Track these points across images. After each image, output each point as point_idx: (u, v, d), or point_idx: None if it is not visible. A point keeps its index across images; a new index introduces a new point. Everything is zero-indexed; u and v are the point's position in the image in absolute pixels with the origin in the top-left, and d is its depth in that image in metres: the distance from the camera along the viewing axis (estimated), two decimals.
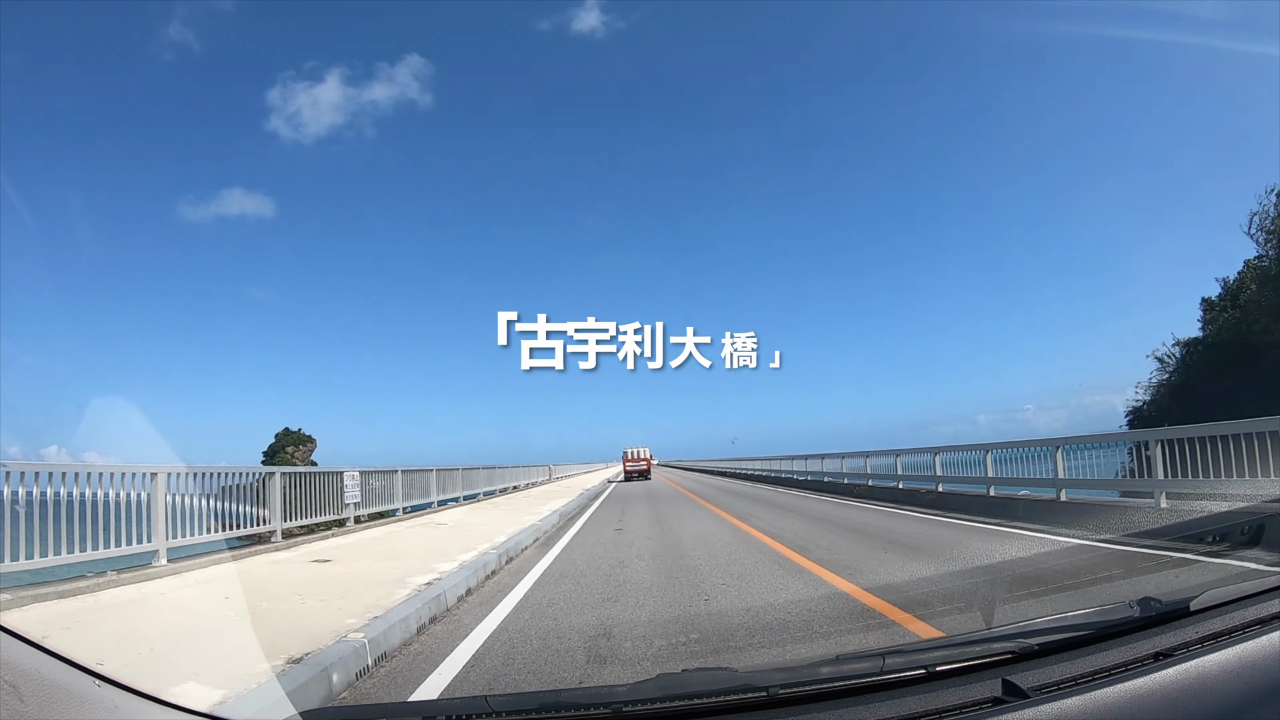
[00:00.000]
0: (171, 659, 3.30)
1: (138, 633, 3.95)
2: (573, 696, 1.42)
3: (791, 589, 4.99)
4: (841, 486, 15.54)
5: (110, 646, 3.57)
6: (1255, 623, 1.28)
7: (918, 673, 1.25)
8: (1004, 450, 9.45)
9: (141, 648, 3.51)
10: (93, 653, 3.20)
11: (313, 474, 9.68)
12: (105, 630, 4.03)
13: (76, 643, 3.80)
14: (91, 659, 0.95)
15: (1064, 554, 5.92)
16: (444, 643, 4.02)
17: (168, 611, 4.59)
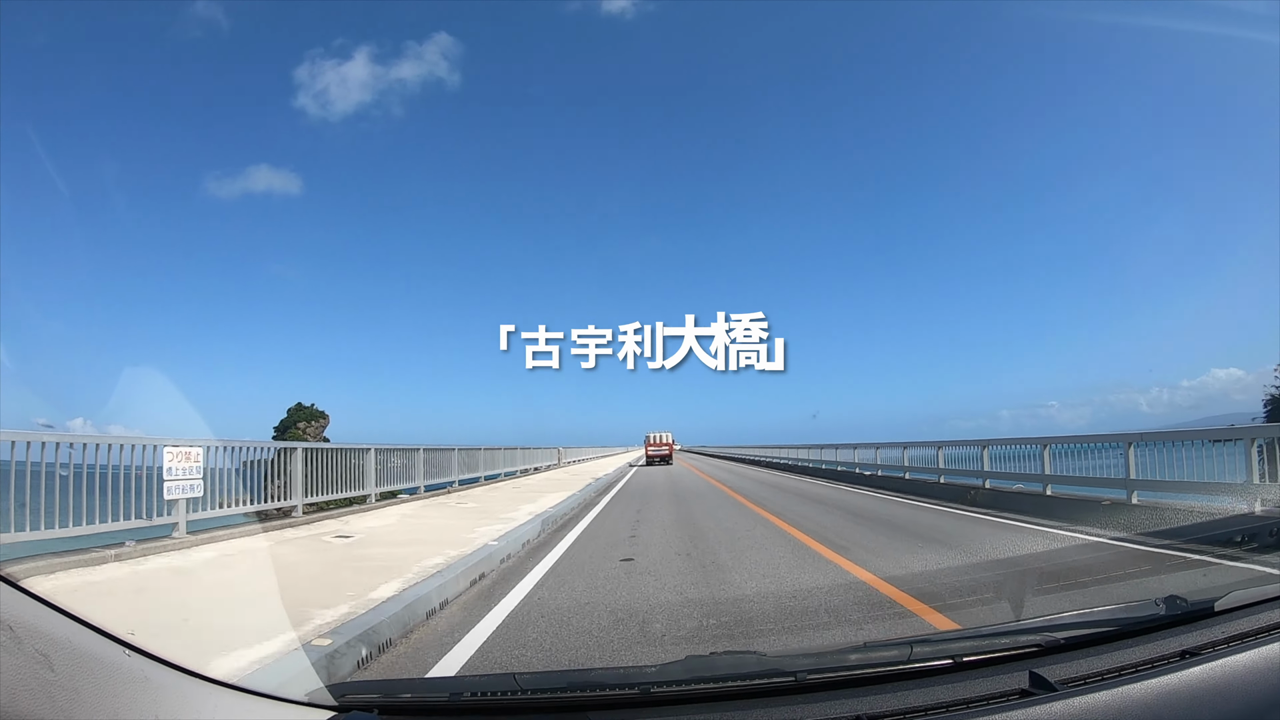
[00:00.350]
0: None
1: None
2: (601, 676, 1.40)
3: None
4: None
5: (139, 616, 3.55)
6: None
7: (945, 662, 1.24)
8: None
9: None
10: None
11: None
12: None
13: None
14: (122, 629, 0.94)
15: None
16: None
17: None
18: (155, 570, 4.92)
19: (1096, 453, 8.47)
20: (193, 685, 1.03)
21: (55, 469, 5.30)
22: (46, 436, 5.32)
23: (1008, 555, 5.68)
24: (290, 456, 8.32)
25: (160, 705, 0.94)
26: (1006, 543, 6.34)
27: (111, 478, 5.80)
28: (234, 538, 6.46)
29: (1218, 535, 5.52)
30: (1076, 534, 6.69)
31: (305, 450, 8.61)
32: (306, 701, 1.23)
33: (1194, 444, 6.87)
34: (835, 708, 1.14)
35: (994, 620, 3.43)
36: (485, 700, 1.25)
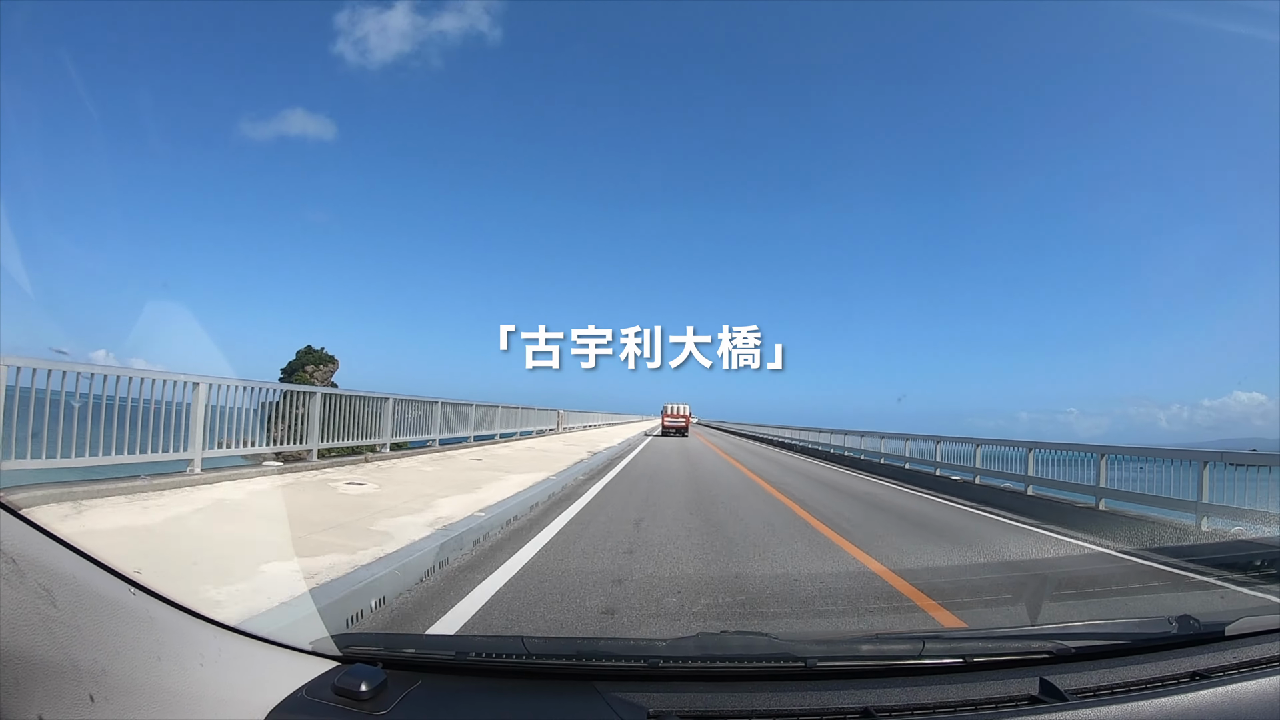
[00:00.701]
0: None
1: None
2: (610, 647, 1.39)
3: None
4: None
5: (146, 554, 3.48)
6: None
7: (956, 661, 1.24)
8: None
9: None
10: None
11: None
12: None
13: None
14: (128, 567, 0.92)
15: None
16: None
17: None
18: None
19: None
20: (197, 627, 1.02)
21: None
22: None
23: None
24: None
25: (163, 645, 0.91)
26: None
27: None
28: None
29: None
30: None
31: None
32: (311, 650, 1.21)
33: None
34: (844, 697, 1.13)
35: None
36: (491, 661, 1.23)
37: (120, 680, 0.81)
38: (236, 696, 0.99)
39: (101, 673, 0.79)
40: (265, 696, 1.02)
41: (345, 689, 1.04)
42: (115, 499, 4.78)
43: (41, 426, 4.91)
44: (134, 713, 0.82)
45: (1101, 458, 8.28)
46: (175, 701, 0.89)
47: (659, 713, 1.05)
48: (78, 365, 5.30)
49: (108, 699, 0.78)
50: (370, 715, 1.02)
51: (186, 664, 0.94)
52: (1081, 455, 8.87)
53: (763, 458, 19.95)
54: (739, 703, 1.12)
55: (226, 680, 1.00)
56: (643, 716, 1.04)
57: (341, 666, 1.15)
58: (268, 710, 1.00)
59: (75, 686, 0.75)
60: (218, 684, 0.98)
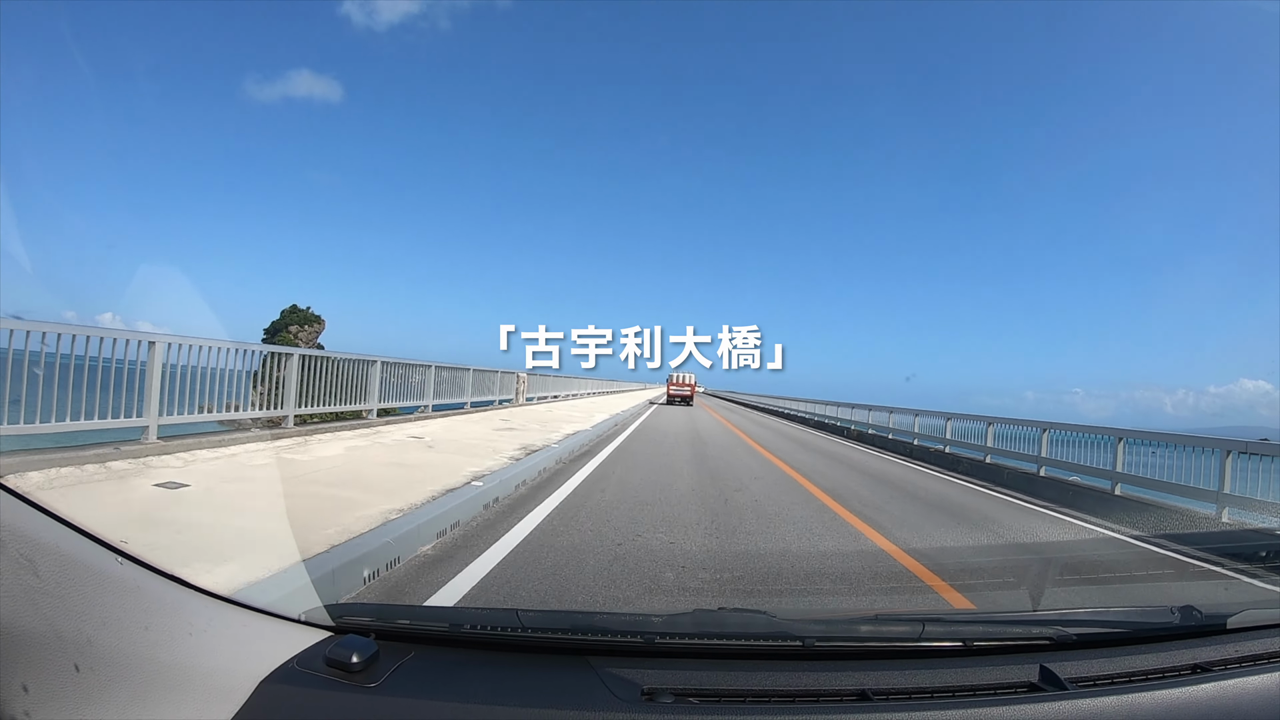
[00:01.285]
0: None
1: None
2: (605, 622, 1.38)
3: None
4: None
5: (130, 523, 3.40)
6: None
7: (955, 645, 1.22)
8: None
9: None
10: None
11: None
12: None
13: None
14: (115, 537, 0.90)
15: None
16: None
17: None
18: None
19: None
20: (186, 597, 1.00)
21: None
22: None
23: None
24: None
25: (151, 615, 0.89)
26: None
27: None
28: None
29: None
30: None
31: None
32: (303, 620, 1.18)
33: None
34: (841, 679, 1.10)
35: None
36: (485, 634, 1.20)
37: (106, 650, 0.80)
38: (226, 666, 0.97)
39: (87, 643, 0.78)
40: (255, 667, 1.00)
41: (336, 660, 1.02)
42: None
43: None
44: (120, 682, 0.81)
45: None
46: (163, 671, 0.87)
47: (653, 689, 1.03)
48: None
49: (93, 669, 0.78)
50: (361, 687, 1.00)
51: (175, 634, 0.93)
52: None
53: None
54: (735, 681, 1.09)
55: (216, 650, 0.98)
56: (636, 693, 1.02)
57: (334, 637, 1.13)
58: (258, 681, 0.98)
59: (60, 656, 0.75)
60: (207, 654, 0.96)
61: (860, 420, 18.76)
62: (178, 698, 0.87)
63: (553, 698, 1.02)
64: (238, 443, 6.33)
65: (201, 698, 0.90)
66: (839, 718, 1.00)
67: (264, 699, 0.96)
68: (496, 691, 1.03)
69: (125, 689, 0.81)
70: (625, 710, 0.98)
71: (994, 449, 10.91)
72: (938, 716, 1.00)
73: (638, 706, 1.00)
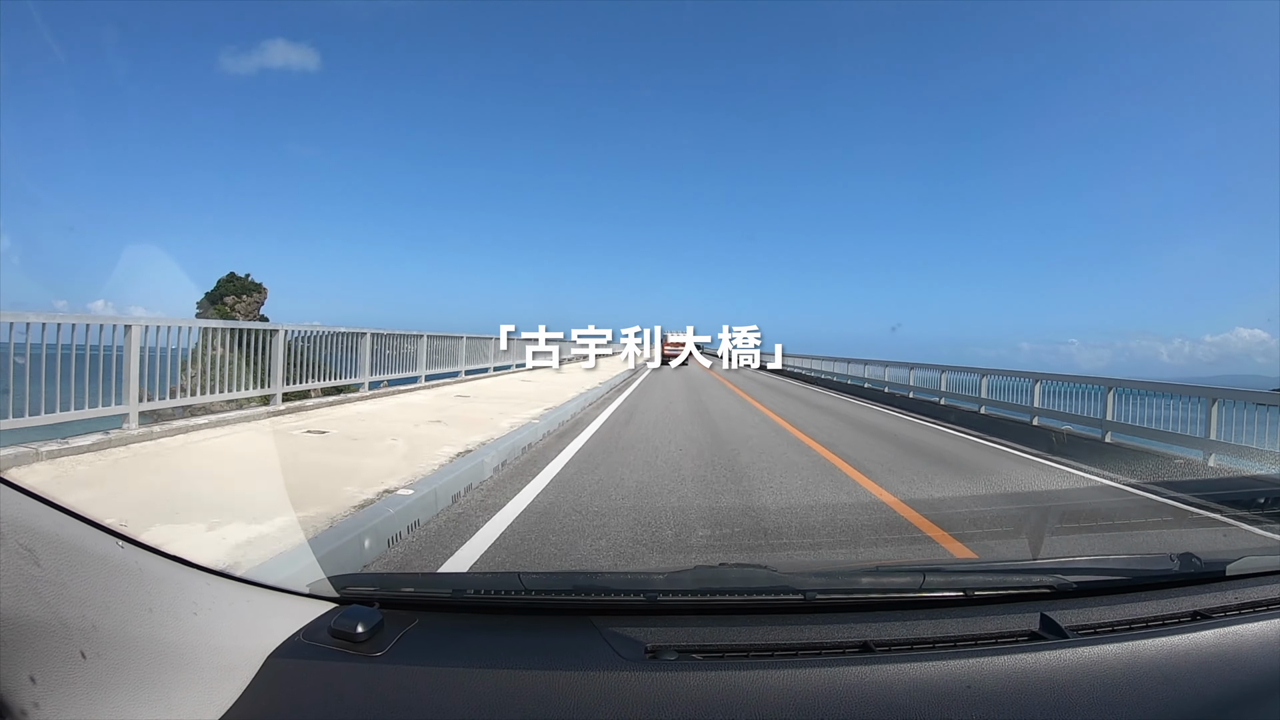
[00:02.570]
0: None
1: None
2: (607, 581, 1.38)
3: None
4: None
5: (129, 507, 3.43)
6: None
7: (956, 594, 1.24)
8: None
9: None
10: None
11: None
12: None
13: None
14: (114, 520, 0.91)
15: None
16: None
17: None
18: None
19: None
20: (189, 576, 0.99)
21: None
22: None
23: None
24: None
25: (154, 597, 0.89)
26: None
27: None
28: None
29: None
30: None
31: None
32: (308, 593, 1.19)
33: None
34: (843, 631, 1.11)
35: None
36: (488, 598, 1.23)
37: (111, 635, 0.80)
38: (232, 643, 0.98)
39: (91, 629, 0.78)
40: (262, 642, 1.00)
41: (341, 631, 1.03)
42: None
43: None
44: (127, 666, 0.81)
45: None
46: (169, 651, 0.87)
47: (656, 647, 1.04)
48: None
49: (99, 654, 0.78)
50: (367, 656, 1.00)
51: (180, 614, 0.92)
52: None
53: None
54: (737, 636, 1.10)
55: (222, 628, 0.98)
56: (640, 651, 1.03)
57: (340, 608, 1.13)
58: (265, 655, 0.98)
59: (65, 644, 0.75)
60: (212, 631, 0.96)
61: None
62: (186, 677, 0.87)
63: (557, 658, 1.03)
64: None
65: (210, 675, 0.90)
66: (842, 669, 1.00)
67: (272, 673, 0.96)
68: (500, 654, 1.04)
69: (133, 672, 0.81)
70: (630, 668, 0.99)
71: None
72: (939, 666, 1.01)
73: (642, 664, 1.00)
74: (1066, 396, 8.98)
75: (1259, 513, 4.97)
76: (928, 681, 0.98)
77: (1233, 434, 6.27)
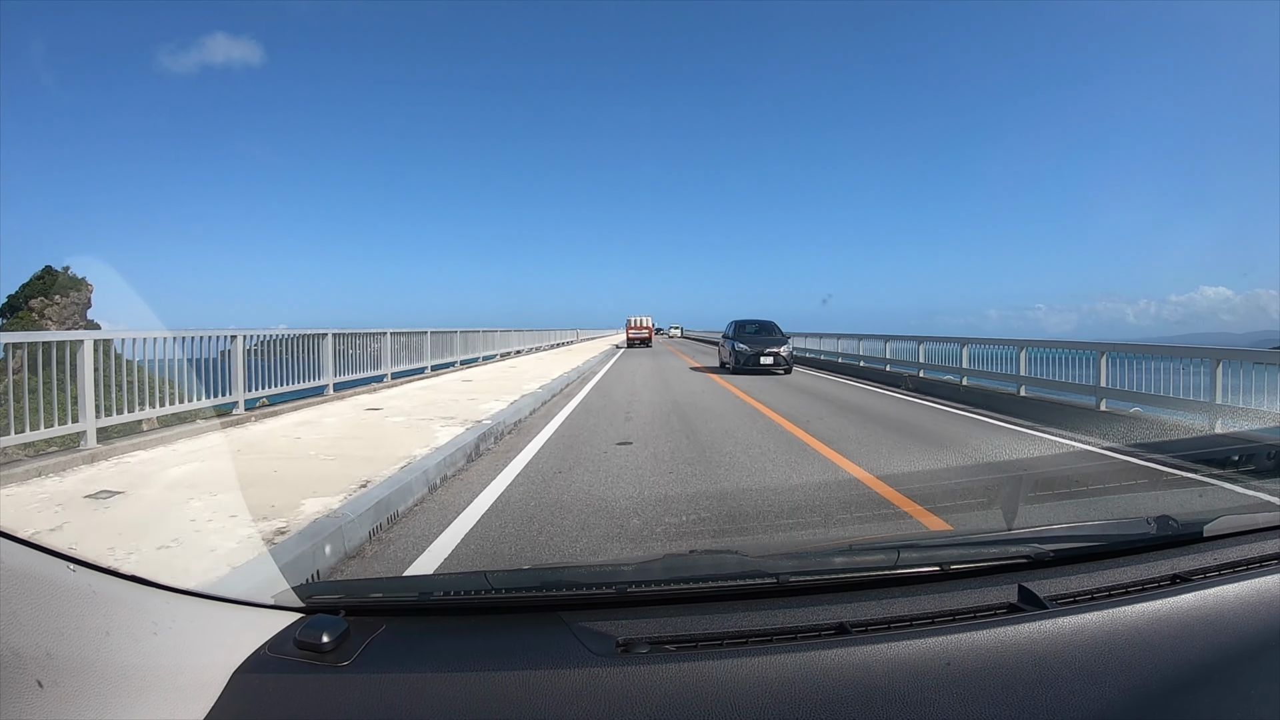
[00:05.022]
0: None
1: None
2: (575, 575, 1.37)
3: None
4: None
5: (79, 533, 3.31)
6: (1273, 557, 1.26)
7: (932, 570, 1.22)
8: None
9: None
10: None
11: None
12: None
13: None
14: (62, 545, 0.91)
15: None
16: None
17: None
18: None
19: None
20: (146, 595, 0.96)
21: None
22: None
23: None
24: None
25: (111, 619, 0.87)
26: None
27: None
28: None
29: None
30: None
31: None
32: (271, 604, 1.13)
33: None
34: (817, 613, 1.09)
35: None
36: (455, 599, 1.21)
37: (68, 661, 0.77)
38: (195, 661, 0.94)
39: (46, 656, 0.75)
40: (227, 658, 0.97)
41: (306, 641, 0.99)
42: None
43: None
44: (87, 692, 0.78)
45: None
46: (131, 674, 0.84)
47: (628, 640, 1.02)
48: None
49: (56, 682, 0.75)
50: (334, 666, 0.98)
51: (138, 635, 0.89)
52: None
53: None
54: (711, 624, 1.08)
55: (184, 646, 0.94)
56: (611, 645, 1.01)
57: (305, 619, 1.09)
58: (230, 671, 0.95)
59: (20, 675, 0.72)
60: (174, 650, 0.92)
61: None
62: (150, 699, 0.84)
63: (526, 657, 1.00)
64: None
65: (174, 696, 0.88)
66: (818, 653, 0.97)
67: (238, 689, 0.93)
68: (469, 656, 1.02)
69: (94, 698, 0.78)
70: (600, 664, 0.96)
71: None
72: (918, 644, 0.99)
73: (613, 659, 0.98)
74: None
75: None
76: (906, 660, 0.96)
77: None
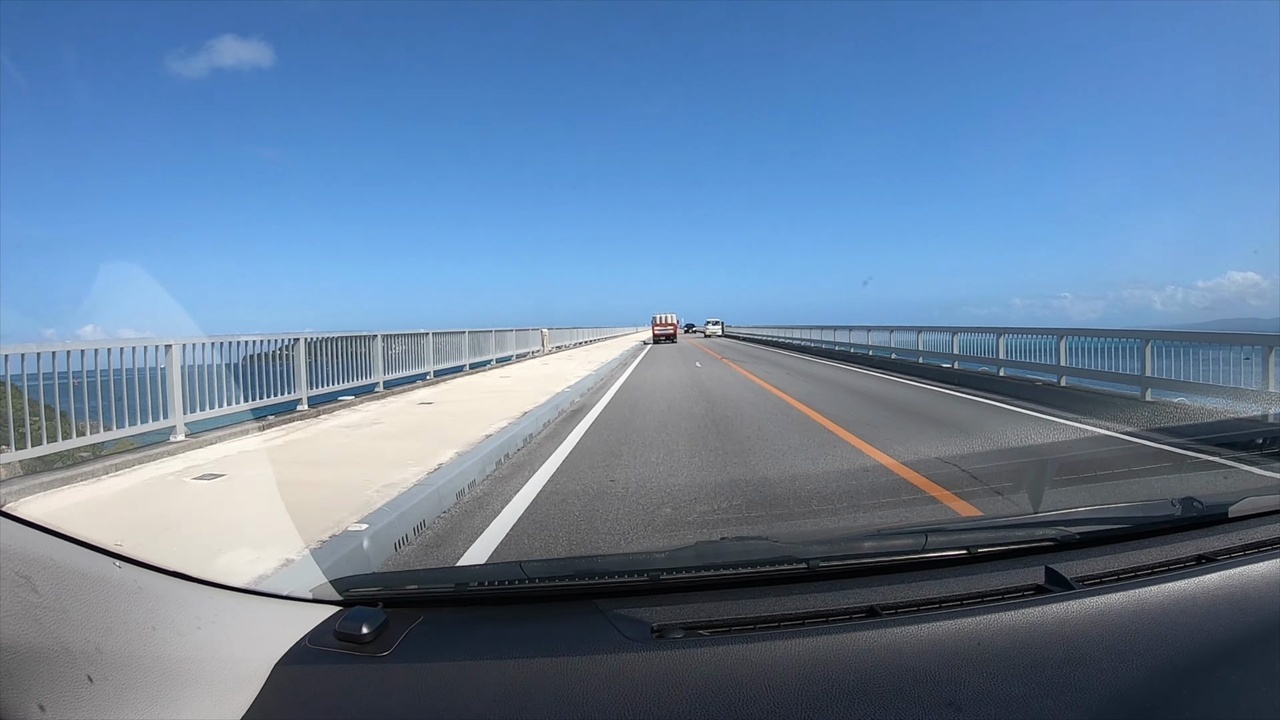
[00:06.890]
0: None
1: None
2: (609, 563, 1.38)
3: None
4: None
5: (129, 528, 3.37)
6: None
7: (959, 553, 1.23)
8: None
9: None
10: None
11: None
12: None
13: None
14: (109, 541, 0.89)
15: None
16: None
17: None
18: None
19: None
20: (191, 590, 0.98)
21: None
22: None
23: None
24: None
25: (157, 614, 0.89)
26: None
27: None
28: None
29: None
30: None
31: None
32: (311, 598, 1.17)
33: None
34: (848, 597, 1.10)
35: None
36: (491, 589, 1.23)
37: (116, 656, 0.80)
38: (239, 654, 0.97)
39: (96, 651, 0.78)
40: (268, 651, 1.00)
41: (346, 633, 1.03)
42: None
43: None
44: (135, 685, 0.81)
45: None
46: (176, 668, 0.87)
47: (662, 626, 1.04)
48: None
49: (106, 677, 0.78)
50: (374, 656, 1.00)
51: (184, 629, 0.92)
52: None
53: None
54: (743, 609, 1.10)
55: (227, 640, 0.98)
56: (646, 631, 1.03)
57: (344, 611, 1.13)
58: (272, 664, 0.98)
59: (71, 670, 0.75)
60: (218, 644, 0.95)
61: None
62: (195, 692, 0.87)
63: (564, 644, 1.02)
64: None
65: (218, 688, 0.90)
66: (850, 635, 0.99)
67: (280, 681, 0.96)
68: (507, 644, 1.04)
69: (141, 691, 0.81)
70: (637, 649, 0.98)
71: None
72: (947, 625, 1.00)
73: (649, 644, 1.00)
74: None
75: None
76: (936, 641, 0.97)
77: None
